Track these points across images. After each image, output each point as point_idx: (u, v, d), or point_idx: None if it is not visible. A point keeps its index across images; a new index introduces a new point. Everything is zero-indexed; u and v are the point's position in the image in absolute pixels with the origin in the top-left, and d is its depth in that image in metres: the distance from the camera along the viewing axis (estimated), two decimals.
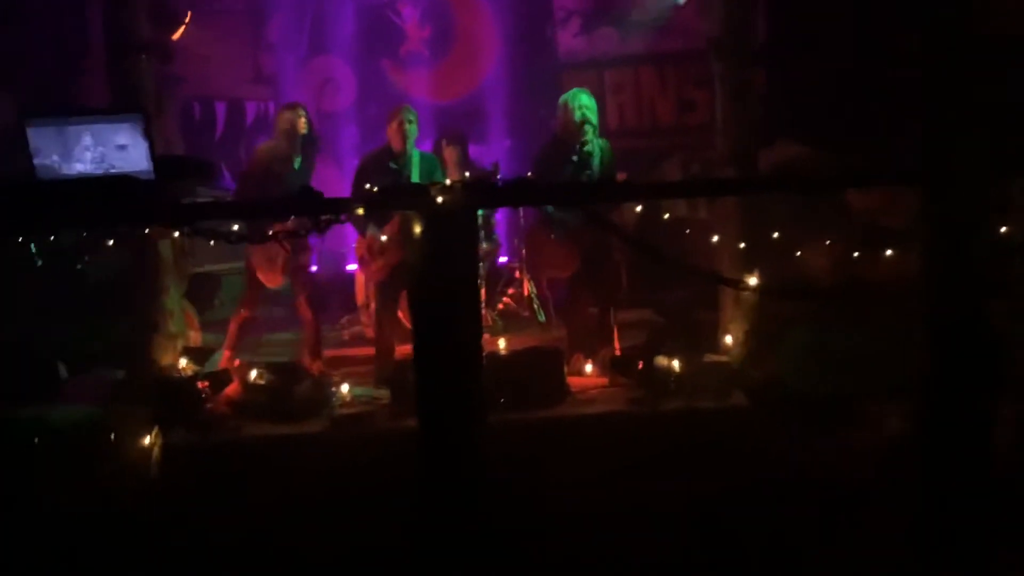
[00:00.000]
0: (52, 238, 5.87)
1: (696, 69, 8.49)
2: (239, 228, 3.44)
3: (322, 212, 3.14)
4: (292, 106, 6.57)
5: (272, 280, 6.43)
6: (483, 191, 3.22)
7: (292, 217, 4.41)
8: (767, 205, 7.70)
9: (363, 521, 4.83)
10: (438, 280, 3.20)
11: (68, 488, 5.07)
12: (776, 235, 5.92)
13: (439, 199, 3.08)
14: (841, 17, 8.12)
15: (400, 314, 6.55)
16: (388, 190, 4.01)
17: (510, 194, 3.68)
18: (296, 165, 6.47)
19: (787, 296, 5.69)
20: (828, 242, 7.10)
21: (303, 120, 6.45)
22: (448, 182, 3.26)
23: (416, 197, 3.07)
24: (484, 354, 5.68)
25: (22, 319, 6.52)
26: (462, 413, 3.29)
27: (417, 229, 3.16)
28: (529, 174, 6.28)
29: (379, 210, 5.44)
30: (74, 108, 3.87)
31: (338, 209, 3.14)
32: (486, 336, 6.84)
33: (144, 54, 5.97)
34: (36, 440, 5.42)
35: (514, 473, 5.03)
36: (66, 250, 6.63)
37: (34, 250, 6.68)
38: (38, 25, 7.93)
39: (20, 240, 5.18)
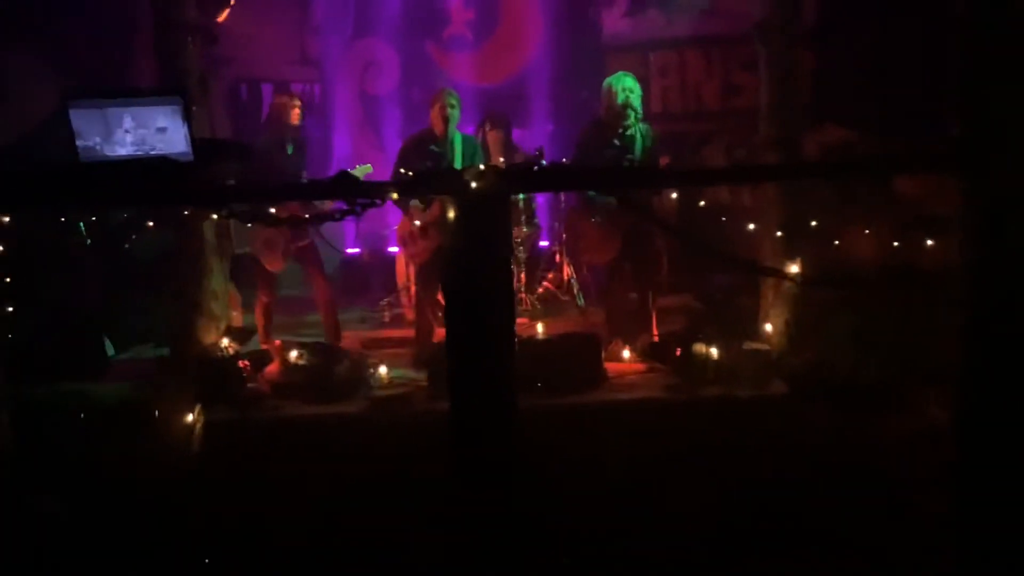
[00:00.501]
0: (99, 218, 5.96)
1: (743, 52, 8.38)
2: (275, 212, 3.47)
3: (357, 195, 3.15)
4: (288, 95, 6.64)
5: (273, 264, 6.45)
6: (517, 176, 3.22)
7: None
8: (811, 190, 7.63)
9: (398, 502, 4.89)
10: (472, 264, 3.20)
11: (112, 462, 5.16)
12: (819, 221, 5.86)
13: (473, 184, 3.08)
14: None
15: (440, 297, 6.57)
16: (423, 174, 4.02)
17: (545, 179, 3.66)
18: (289, 151, 6.48)
19: (828, 285, 5.61)
20: (873, 228, 7.02)
21: (296, 111, 6.46)
22: (482, 166, 3.23)
23: (450, 181, 3.07)
24: (522, 338, 5.77)
25: (71, 297, 6.65)
26: (493, 399, 3.29)
27: (451, 213, 3.16)
28: (566, 159, 6.27)
29: (415, 194, 5.45)
30: (115, 90, 3.91)
31: (373, 193, 3.15)
32: (525, 320, 6.93)
33: (190, 36, 6.03)
34: (82, 415, 5.51)
35: (549, 458, 5.05)
36: (113, 230, 6.74)
37: (83, 230, 6.81)
38: (88, 6, 8.03)
39: (65, 220, 5.27)
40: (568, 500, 4.99)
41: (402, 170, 6.06)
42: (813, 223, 5.60)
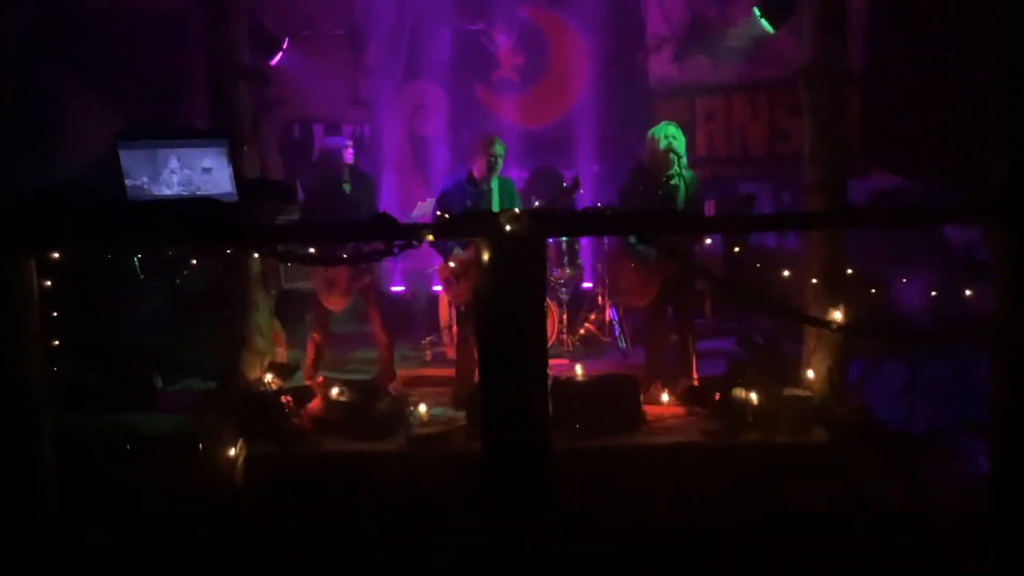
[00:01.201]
0: (150, 254, 6.10)
1: (790, 97, 8.37)
2: (313, 252, 3.56)
3: (394, 237, 3.22)
4: (339, 138, 6.82)
5: (334, 303, 6.56)
6: (552, 219, 3.26)
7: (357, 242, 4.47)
8: (860, 236, 7.57)
9: (434, 539, 4.91)
10: (505, 307, 3.24)
11: (157, 493, 5.24)
12: (865, 268, 5.82)
13: (508, 227, 3.13)
14: (943, 43, 7.91)
15: None
16: (458, 217, 4.08)
17: (579, 223, 3.71)
18: (346, 189, 6.56)
19: (871, 334, 5.55)
20: (922, 274, 6.96)
21: (349, 151, 6.56)
22: (517, 210, 3.28)
23: (485, 224, 3.12)
24: (560, 379, 5.79)
25: (123, 330, 6.81)
26: (525, 440, 3.31)
27: (485, 256, 3.21)
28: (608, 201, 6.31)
29: (450, 237, 5.51)
30: (164, 131, 4.05)
31: (410, 235, 3.22)
32: (565, 361, 6.94)
33: (242, 78, 6.19)
34: (129, 447, 5.60)
35: (586, 500, 5.05)
36: (165, 265, 6.89)
37: (137, 265, 6.98)
38: (146, 49, 8.30)
39: (116, 255, 5.41)
40: (603, 542, 4.98)
41: (439, 212, 6.15)
42: (863, 268, 5.55)
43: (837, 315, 5.50)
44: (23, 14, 6.93)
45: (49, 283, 3.67)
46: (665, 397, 6.18)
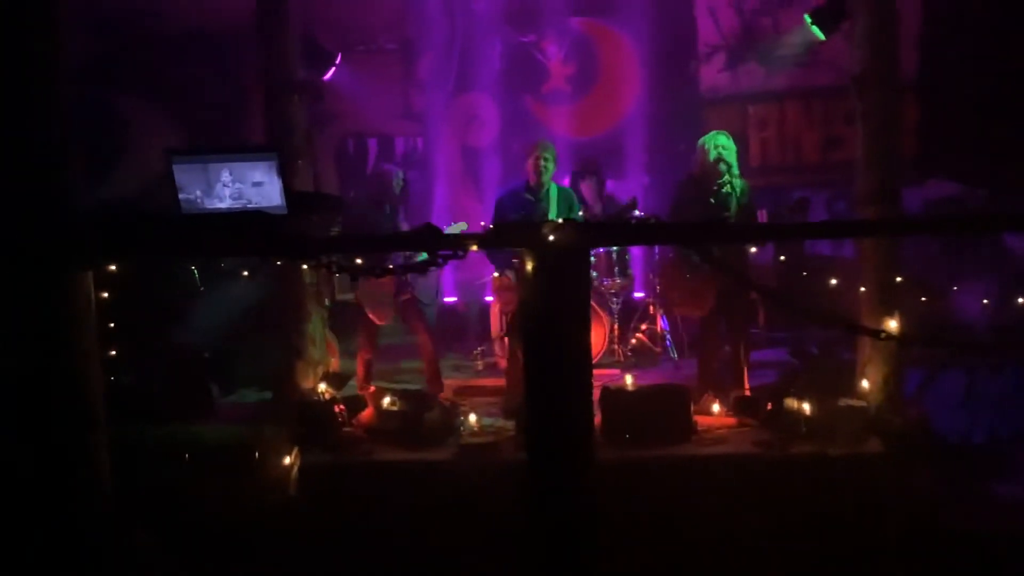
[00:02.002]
0: (208, 265, 6.22)
1: (844, 104, 8.29)
2: (361, 263, 3.61)
3: (440, 247, 3.25)
4: (394, 168, 6.94)
5: (381, 317, 6.66)
6: (596, 229, 3.26)
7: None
8: (918, 245, 7.45)
9: (483, 550, 4.94)
10: (549, 317, 3.25)
11: (214, 501, 5.35)
12: (923, 277, 5.72)
13: (551, 237, 3.14)
14: (999, 48, 7.78)
15: None
16: (499, 227, 4.10)
17: (625, 233, 3.70)
18: (387, 210, 6.68)
19: (927, 344, 5.45)
20: (981, 284, 6.83)
21: (399, 182, 6.73)
22: (563, 219, 3.30)
23: (528, 234, 3.14)
24: (611, 389, 5.78)
25: (182, 341, 6.95)
26: (569, 452, 3.31)
27: (529, 266, 3.23)
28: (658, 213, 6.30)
29: (495, 247, 5.55)
30: (216, 147, 4.15)
31: (454, 245, 3.25)
32: (616, 371, 6.93)
33: (297, 93, 6.31)
34: (187, 456, 5.71)
35: (635, 510, 5.04)
36: (222, 278, 7.03)
37: (196, 276, 7.13)
38: (206, 67, 8.50)
39: (173, 267, 5.53)
40: (652, 553, 4.96)
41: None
42: (910, 279, 5.46)
43: (892, 324, 5.41)
44: (84, 34, 7.15)
45: (106, 294, 3.77)
46: (716, 407, 6.13)
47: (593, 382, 4.63)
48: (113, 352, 4.67)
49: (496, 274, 6.86)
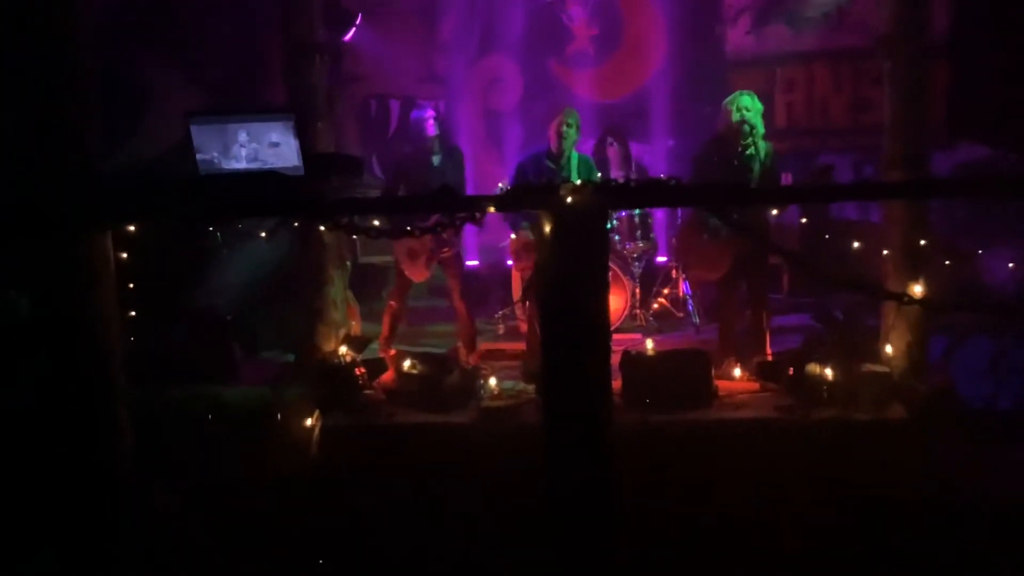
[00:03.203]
0: (229, 226, 6.23)
1: (873, 66, 8.14)
2: (380, 224, 3.60)
3: (457, 209, 3.24)
4: (421, 109, 6.81)
5: (416, 274, 6.62)
6: (613, 191, 3.23)
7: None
8: (946, 209, 7.35)
9: (502, 513, 4.96)
10: (566, 280, 3.23)
11: (236, 462, 5.40)
12: (947, 240, 5.64)
13: (569, 199, 3.12)
14: None
15: None
16: (518, 189, 4.08)
17: (642, 194, 3.67)
18: (436, 163, 6.59)
19: (952, 309, 5.39)
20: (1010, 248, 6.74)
21: (431, 123, 6.58)
22: (578, 182, 3.27)
23: (546, 196, 3.11)
24: (631, 354, 5.76)
25: (204, 303, 7.00)
26: (586, 417, 3.30)
27: (547, 228, 3.20)
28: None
29: (512, 209, 5.51)
30: (233, 107, 4.14)
31: (471, 207, 3.23)
32: (637, 336, 6.91)
33: (317, 55, 6.27)
34: (210, 417, 5.76)
35: (654, 473, 5.03)
36: (243, 239, 7.05)
37: (219, 237, 7.15)
38: (224, 27, 8.46)
39: (195, 228, 5.55)
40: (671, 517, 4.96)
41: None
42: (936, 243, 5.38)
43: (916, 288, 5.35)
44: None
45: (126, 256, 3.78)
46: (737, 372, 6.10)
47: (614, 346, 4.64)
48: (134, 313, 4.69)
49: (513, 235, 6.82)
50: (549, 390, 3.42)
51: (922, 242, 5.54)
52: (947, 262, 5.89)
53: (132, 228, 3.52)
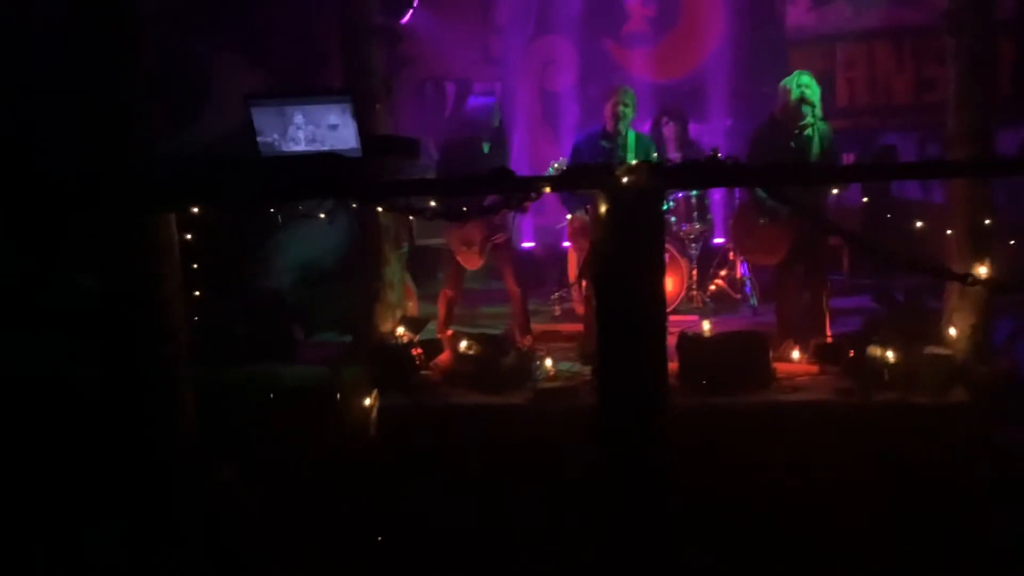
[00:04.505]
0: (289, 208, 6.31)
1: (936, 43, 7.95)
2: (435, 206, 3.62)
3: (512, 191, 3.25)
4: (489, 100, 6.82)
5: (470, 262, 6.63)
6: (669, 172, 3.22)
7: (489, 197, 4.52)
8: (1012, 188, 7.16)
9: (557, 493, 4.99)
10: (622, 261, 3.23)
11: (297, 441, 5.49)
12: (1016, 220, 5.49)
13: (624, 179, 3.11)
14: None
15: None
16: (573, 169, 4.07)
17: (697, 175, 3.64)
18: (485, 149, 6.62)
19: (1017, 290, 5.25)
20: None
21: (492, 112, 6.64)
22: (634, 162, 3.25)
23: (601, 177, 3.11)
24: (688, 336, 5.73)
25: (266, 284, 7.10)
26: (641, 397, 3.31)
27: (603, 209, 3.21)
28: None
29: (568, 189, 5.49)
30: (292, 90, 4.19)
31: (527, 187, 3.24)
32: (694, 317, 6.86)
33: (374, 37, 6.31)
34: (271, 396, 5.86)
35: (712, 456, 5.02)
36: (304, 221, 7.12)
37: (280, 220, 7.24)
38: (289, 13, 8.56)
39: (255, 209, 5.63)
40: (728, 500, 4.95)
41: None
42: (1001, 222, 5.26)
43: (981, 270, 5.23)
44: None
45: (190, 237, 3.86)
46: (796, 354, 6.03)
47: (670, 328, 4.62)
48: (197, 293, 4.79)
49: (569, 216, 6.81)
50: (604, 371, 3.43)
51: (987, 221, 5.41)
52: (1012, 242, 5.74)
53: (195, 210, 3.59)
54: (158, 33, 4.21)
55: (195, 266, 4.04)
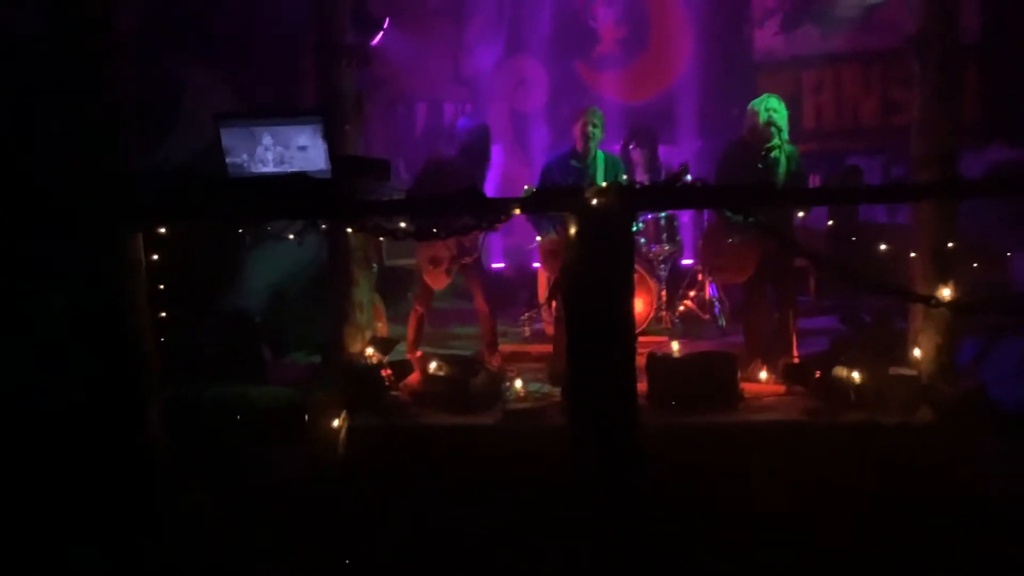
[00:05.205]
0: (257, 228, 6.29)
1: (903, 68, 8.08)
2: (406, 225, 3.62)
3: (483, 211, 3.26)
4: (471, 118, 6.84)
5: (436, 282, 6.64)
6: (638, 194, 3.24)
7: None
8: (977, 211, 7.27)
9: (528, 514, 4.97)
10: (592, 282, 3.25)
11: (264, 461, 5.44)
12: (978, 242, 5.58)
13: (594, 201, 3.13)
14: None
15: None
16: (544, 191, 4.09)
17: (666, 197, 3.67)
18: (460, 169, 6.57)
19: (981, 311, 5.34)
20: None
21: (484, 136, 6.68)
22: (604, 184, 3.28)
23: (571, 198, 3.13)
24: (657, 356, 5.76)
25: (235, 304, 7.05)
26: (612, 418, 3.31)
27: (572, 230, 3.22)
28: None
29: (537, 211, 5.52)
30: (262, 111, 4.17)
31: (498, 208, 3.25)
32: (664, 338, 6.89)
33: (345, 58, 6.32)
34: (240, 417, 5.81)
35: (680, 476, 5.02)
36: (271, 241, 7.10)
37: (248, 240, 7.21)
38: (261, 33, 8.55)
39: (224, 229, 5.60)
40: (697, 520, 4.95)
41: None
42: (965, 245, 5.34)
43: (945, 291, 5.30)
44: (140, 1, 7.22)
45: (157, 257, 3.83)
46: (764, 375, 6.08)
47: (640, 349, 4.63)
48: (165, 314, 4.75)
49: (539, 238, 6.83)
50: (575, 392, 3.44)
51: (951, 244, 5.48)
52: (976, 264, 5.83)
53: (163, 230, 3.56)
54: (130, 50, 4.19)
55: (164, 286, 4.01)
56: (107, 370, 3.63)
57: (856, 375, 5.53)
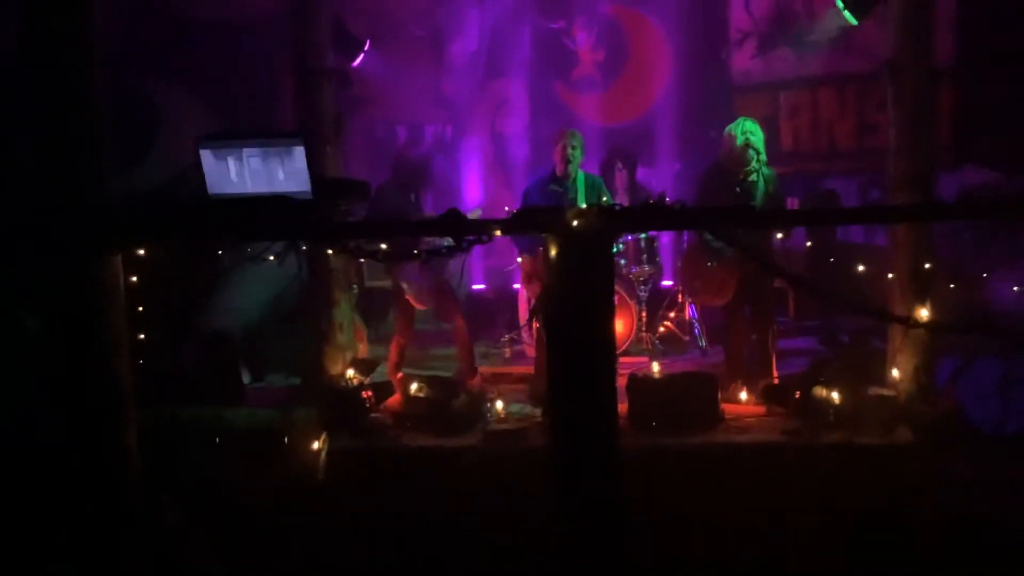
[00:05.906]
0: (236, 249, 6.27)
1: (879, 90, 8.17)
2: (385, 248, 3.63)
3: (464, 233, 3.27)
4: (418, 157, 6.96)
5: (421, 302, 6.64)
6: (618, 215, 3.26)
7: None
8: (952, 233, 7.35)
9: (509, 536, 4.96)
10: (573, 303, 3.26)
11: (243, 484, 5.40)
12: (954, 263, 5.64)
13: (574, 223, 3.14)
14: None
15: None
16: (524, 212, 4.11)
17: (647, 218, 3.69)
18: (412, 198, 6.68)
19: (959, 331, 5.39)
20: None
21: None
22: (585, 205, 3.30)
23: (551, 220, 3.14)
24: (637, 377, 5.77)
25: (213, 326, 7.01)
26: (593, 439, 3.31)
27: (553, 252, 3.23)
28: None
29: (517, 232, 5.54)
30: (243, 132, 4.18)
31: (478, 230, 3.26)
32: (644, 359, 6.91)
33: (326, 80, 6.33)
34: (219, 439, 5.77)
35: (661, 497, 5.03)
36: (251, 263, 7.07)
37: (227, 262, 7.18)
38: (240, 56, 8.56)
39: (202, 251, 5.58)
40: (678, 540, 4.96)
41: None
42: (941, 266, 5.39)
43: (922, 312, 5.35)
44: (117, 20, 7.21)
45: (136, 279, 3.81)
46: (744, 395, 6.10)
47: (620, 370, 4.64)
48: (143, 336, 4.72)
49: (520, 259, 6.85)
50: (556, 413, 3.44)
51: (927, 265, 5.54)
52: (953, 285, 5.89)
53: (142, 251, 3.55)
54: (108, 71, 4.18)
55: (142, 308, 3.99)
56: (83, 391, 3.60)
57: (835, 395, 5.56)
